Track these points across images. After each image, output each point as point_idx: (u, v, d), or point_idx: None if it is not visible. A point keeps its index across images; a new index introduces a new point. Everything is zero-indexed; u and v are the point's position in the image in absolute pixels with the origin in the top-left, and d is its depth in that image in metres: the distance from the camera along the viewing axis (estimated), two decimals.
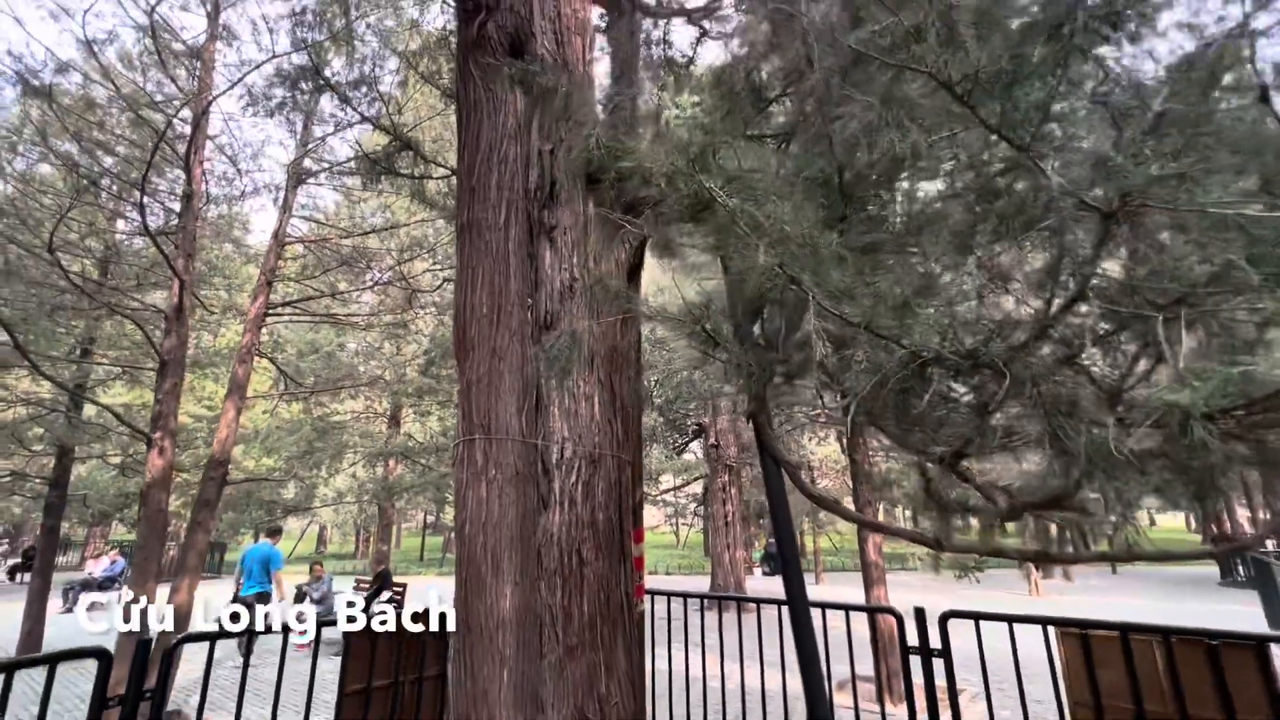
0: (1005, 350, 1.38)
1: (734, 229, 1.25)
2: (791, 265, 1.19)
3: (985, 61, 1.11)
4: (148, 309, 10.90)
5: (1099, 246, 1.31)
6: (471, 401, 3.58)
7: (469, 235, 3.84)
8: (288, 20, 9.72)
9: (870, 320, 1.23)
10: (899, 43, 1.23)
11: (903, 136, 1.48)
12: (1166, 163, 1.13)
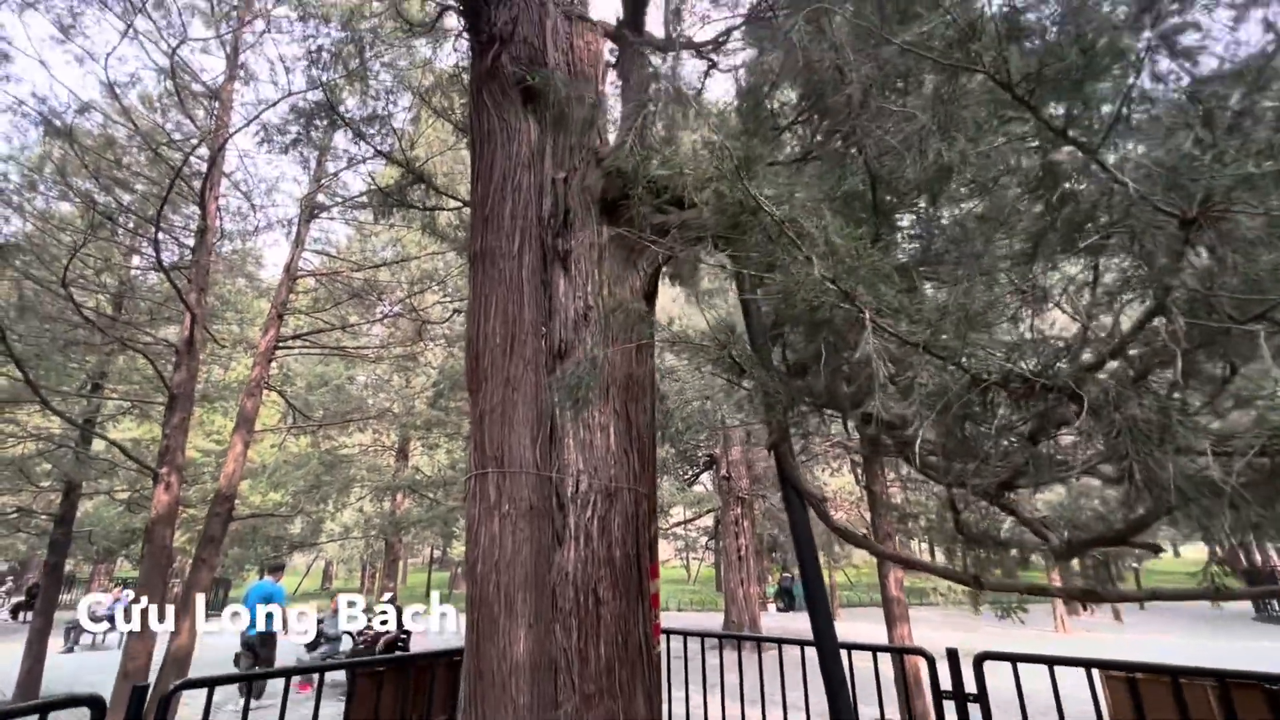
0: (1075, 371, 1.26)
1: (782, 239, 1.16)
2: (845, 279, 1.09)
3: (1050, 57, 1.03)
4: (159, 343, 10.94)
5: (1178, 255, 1.20)
6: (484, 433, 3.46)
7: (482, 264, 3.78)
8: (304, 60, 9.97)
9: (930, 340, 1.12)
10: (951, 43, 1.15)
11: (950, 145, 1.39)
12: (1259, 162, 1.03)
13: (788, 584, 26.95)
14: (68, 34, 9.49)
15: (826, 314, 1.24)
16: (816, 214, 1.39)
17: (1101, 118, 1.10)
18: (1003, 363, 1.18)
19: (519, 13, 4.29)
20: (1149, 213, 1.14)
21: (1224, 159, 1.10)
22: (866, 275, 1.13)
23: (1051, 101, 1.11)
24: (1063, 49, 1.04)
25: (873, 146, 1.69)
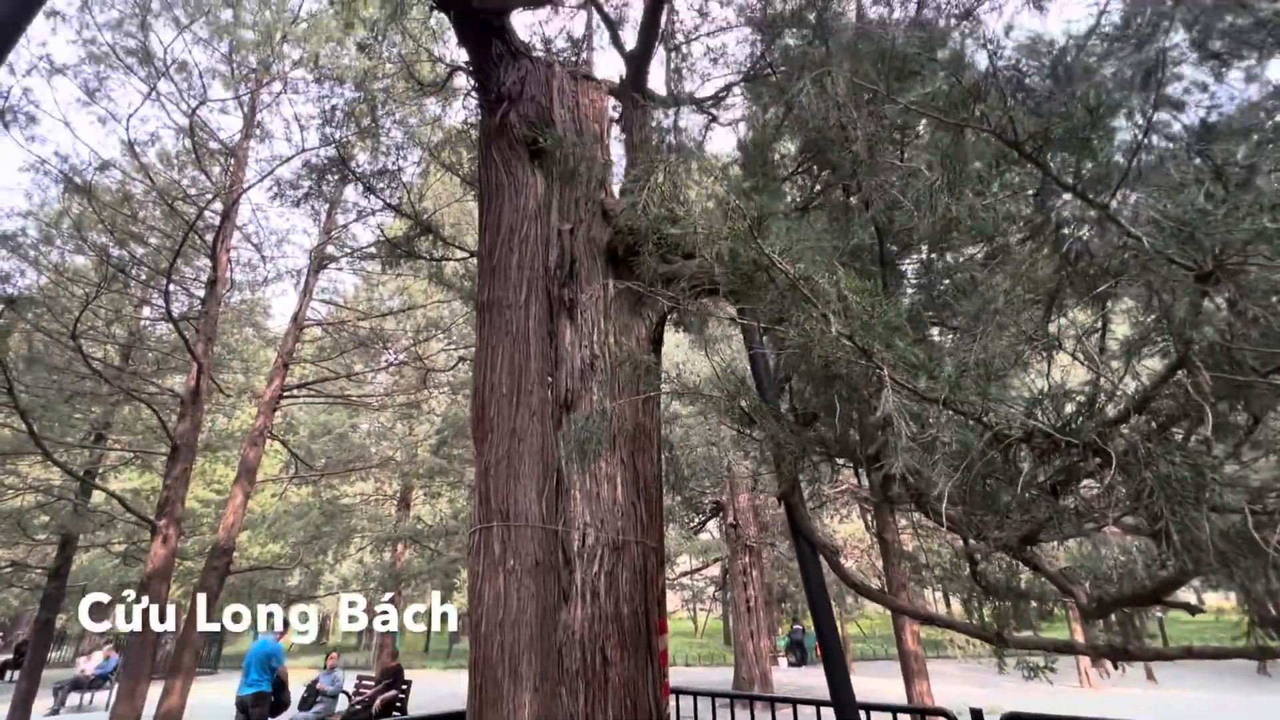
0: (1100, 426, 1.23)
1: (797, 297, 1.15)
2: (861, 336, 1.08)
3: (1056, 117, 1.04)
4: (164, 393, 10.96)
5: (1196, 309, 1.19)
6: (489, 485, 3.40)
7: (489, 314, 3.80)
8: (318, 118, 10.33)
9: (949, 395, 1.10)
10: (955, 102, 1.17)
11: (957, 199, 1.40)
12: (1274, 216, 1.02)
13: (799, 636, 26.00)
14: (93, 97, 9.89)
15: (842, 369, 1.23)
16: (828, 268, 1.39)
17: (1110, 173, 1.12)
18: (1025, 420, 1.15)
19: (526, 74, 4.45)
20: (1164, 266, 1.13)
21: (1237, 213, 1.10)
22: (882, 331, 1.12)
23: (1059, 157, 1.13)
24: (1069, 109, 1.06)
25: (879, 200, 1.70)
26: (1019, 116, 1.08)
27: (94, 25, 9.49)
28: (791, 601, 27.80)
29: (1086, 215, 1.17)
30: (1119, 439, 1.23)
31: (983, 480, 1.33)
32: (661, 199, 1.58)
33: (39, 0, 1.84)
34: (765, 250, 1.16)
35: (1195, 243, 1.14)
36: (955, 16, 4.76)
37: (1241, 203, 1.11)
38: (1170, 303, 1.17)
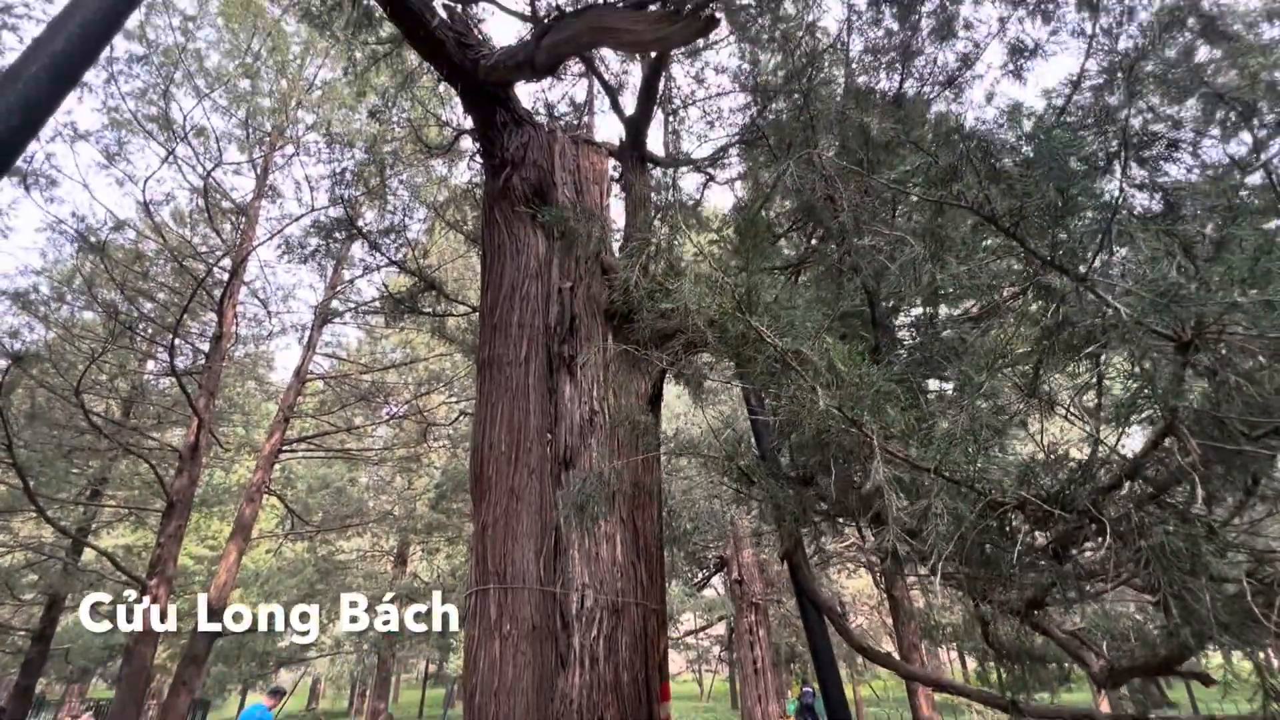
0: (1093, 493, 1.23)
1: (786, 369, 1.18)
2: (850, 407, 1.10)
3: (1031, 195, 1.10)
4: (163, 448, 10.90)
5: (1179, 376, 1.21)
6: (486, 546, 3.35)
7: (489, 371, 3.84)
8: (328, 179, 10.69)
9: (941, 464, 1.11)
10: (935, 180, 1.23)
11: (941, 267, 1.44)
12: (1244, 290, 1.06)
13: (809, 699, 24.85)
14: (112, 160, 10.27)
15: (834, 438, 1.24)
16: (818, 336, 1.43)
17: (1084, 247, 1.16)
18: (1017, 490, 1.16)
19: (529, 139, 4.64)
20: (1144, 336, 1.16)
21: (1209, 286, 1.14)
22: (872, 401, 1.14)
23: (1036, 233, 1.18)
24: (1041, 189, 1.11)
25: (867, 266, 1.75)
26: (994, 194, 1.14)
27: (119, 95, 9.93)
28: (801, 662, 26.77)
29: (1065, 286, 1.21)
30: (1113, 507, 1.23)
31: (980, 547, 1.32)
32: (652, 277, 1.63)
33: (72, 80, 1.95)
34: (754, 324, 1.20)
35: (1173, 313, 1.18)
36: (939, 84, 4.99)
37: (1213, 275, 1.15)
38: (1153, 370, 1.20)
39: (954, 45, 5.09)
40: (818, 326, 1.40)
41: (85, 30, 1.96)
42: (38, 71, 1.80)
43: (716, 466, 2.06)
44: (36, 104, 1.78)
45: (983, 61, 4.71)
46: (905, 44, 3.69)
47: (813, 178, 1.73)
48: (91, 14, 1.98)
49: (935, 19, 5.11)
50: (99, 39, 2.03)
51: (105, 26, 2.02)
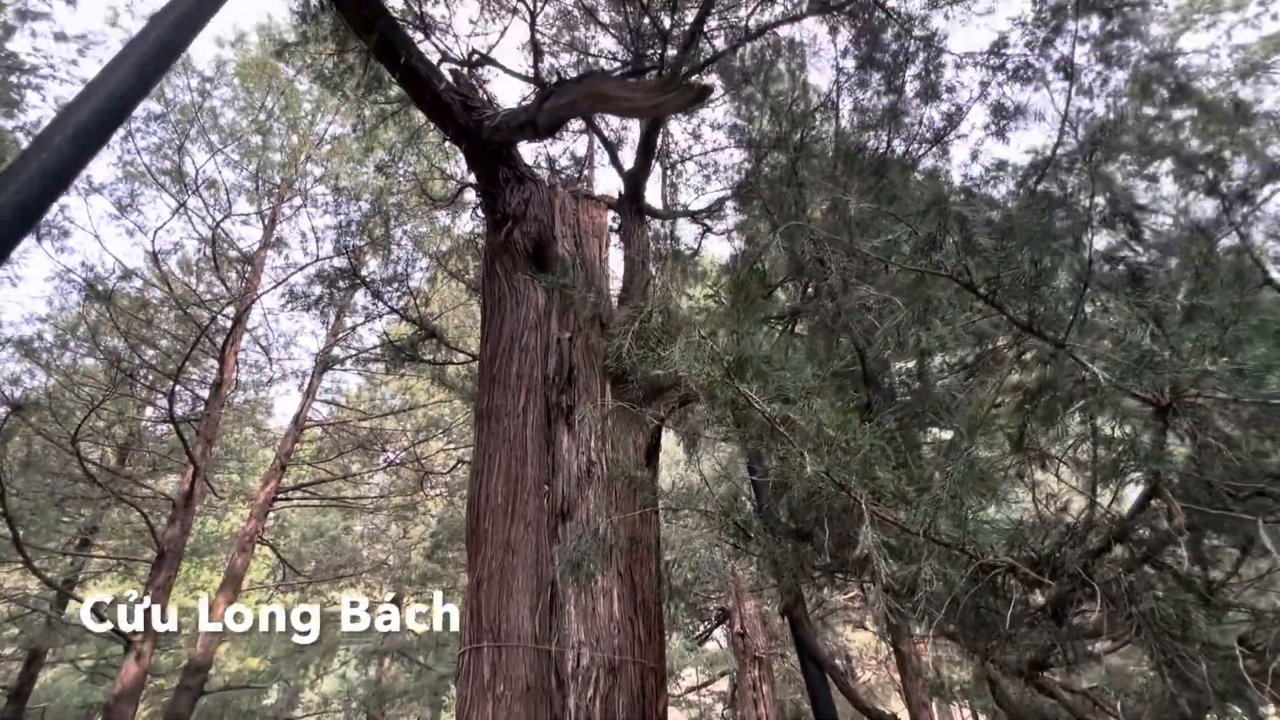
0: (1083, 556, 1.24)
1: (776, 435, 1.21)
2: (838, 471, 1.13)
3: (1006, 267, 1.16)
4: (157, 496, 10.78)
5: (1161, 439, 1.24)
6: (481, 602, 3.29)
7: (487, 422, 3.85)
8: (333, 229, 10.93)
9: (930, 527, 1.13)
10: (917, 249, 1.30)
11: (927, 330, 1.49)
12: (1215, 358, 1.10)
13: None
14: (124, 211, 10.53)
15: (823, 500, 1.26)
16: (808, 398, 1.46)
17: (1059, 314, 1.21)
18: (1007, 553, 1.17)
19: (531, 195, 4.79)
20: (1123, 400, 1.19)
21: (1181, 353, 1.18)
22: (860, 465, 1.16)
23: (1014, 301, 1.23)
24: (1016, 261, 1.17)
25: (856, 325, 1.80)
26: (972, 265, 1.19)
27: (135, 150, 10.27)
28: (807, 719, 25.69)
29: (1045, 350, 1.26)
30: (1103, 571, 1.24)
31: (974, 610, 1.32)
32: (648, 334, 1.68)
33: (93, 150, 2.05)
34: (743, 390, 1.23)
35: (1150, 378, 1.21)
36: (926, 142, 5.18)
37: (1186, 342, 1.19)
38: (1135, 433, 1.22)
39: (939, 106, 5.33)
40: (808, 387, 1.43)
41: (110, 103, 2.07)
42: (61, 142, 1.90)
43: (713, 522, 2.05)
44: (58, 173, 1.87)
45: (967, 121, 4.92)
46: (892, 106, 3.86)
47: (803, 240, 1.80)
48: (117, 88, 2.09)
49: (920, 82, 5.36)
50: (122, 111, 2.14)
51: (129, 99, 2.14)
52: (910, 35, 5.27)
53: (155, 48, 2.23)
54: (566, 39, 8.59)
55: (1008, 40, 4.40)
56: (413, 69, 4.04)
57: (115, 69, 2.14)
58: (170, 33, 2.29)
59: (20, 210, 1.78)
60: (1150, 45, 11.67)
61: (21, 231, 1.81)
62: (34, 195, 1.80)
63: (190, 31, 2.41)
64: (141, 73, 2.17)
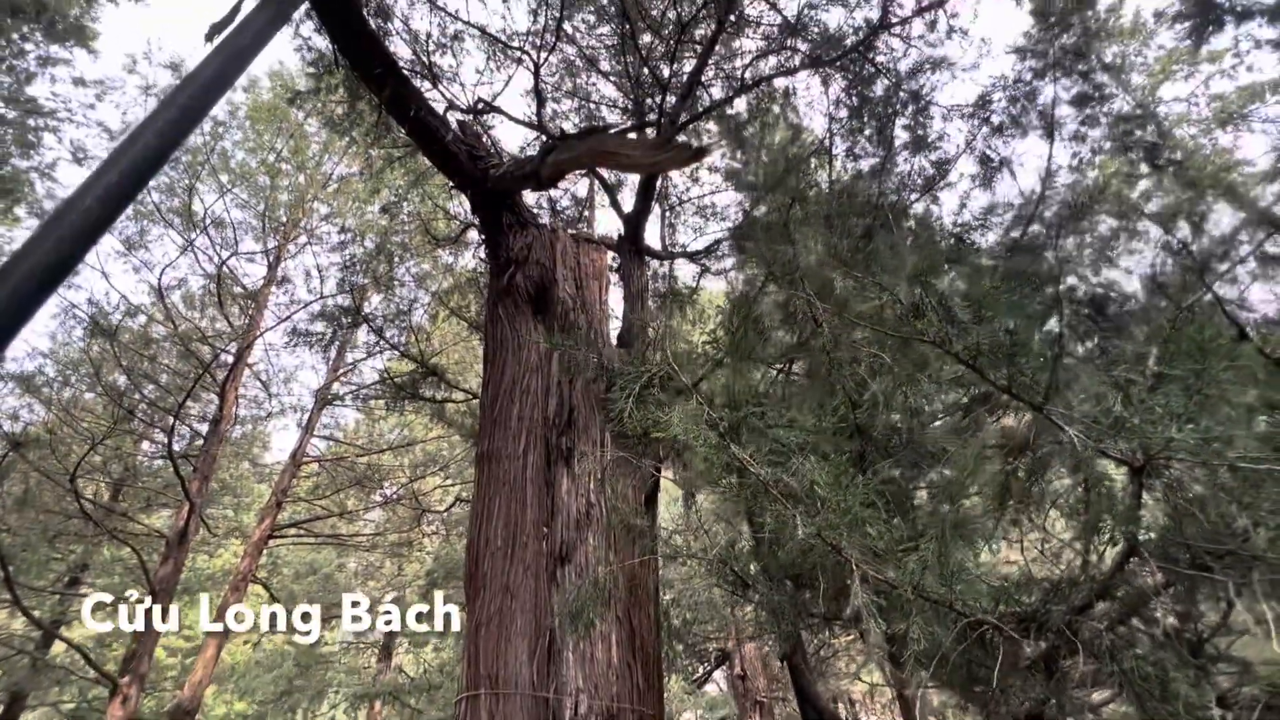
0: (1067, 613, 1.29)
1: (769, 496, 1.28)
2: (830, 532, 1.19)
3: (984, 337, 1.24)
4: (150, 533, 10.67)
5: (1136, 500, 1.30)
6: (479, 646, 3.28)
7: (488, 465, 3.89)
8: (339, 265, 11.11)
9: (918, 584, 1.18)
10: (901, 316, 1.38)
11: (915, 390, 1.56)
12: (1180, 424, 1.17)
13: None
14: (131, 249, 10.71)
15: (816, 558, 1.31)
16: (813, 446, 1.52)
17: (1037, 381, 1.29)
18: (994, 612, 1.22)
19: (533, 239, 4.92)
20: (1097, 461, 1.26)
21: (1151, 418, 1.25)
22: (852, 522, 1.22)
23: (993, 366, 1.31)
24: (994, 331, 1.26)
25: (849, 378, 1.87)
26: (952, 333, 1.27)
27: (145, 189, 10.49)
28: None
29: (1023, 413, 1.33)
30: (1087, 628, 1.29)
31: (965, 664, 1.35)
32: (645, 404, 1.75)
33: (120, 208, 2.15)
34: (739, 455, 1.30)
35: (1124, 440, 1.28)
36: (917, 190, 5.36)
37: (1155, 406, 1.27)
38: (1109, 494, 1.29)
39: (928, 155, 5.53)
40: (801, 442, 1.50)
41: (137, 165, 2.18)
42: (91, 203, 2.00)
43: (710, 569, 2.09)
44: (87, 233, 1.96)
45: (957, 170, 5.10)
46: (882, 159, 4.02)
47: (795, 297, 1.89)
48: (144, 150, 2.20)
49: (910, 132, 5.57)
50: (149, 171, 2.25)
51: (153, 163, 2.24)
52: (900, 89, 5.50)
53: (179, 113, 2.35)
54: (569, 85, 8.90)
55: (990, 97, 4.60)
56: (421, 121, 4.21)
57: (142, 133, 2.26)
58: (192, 99, 2.42)
59: (51, 271, 1.86)
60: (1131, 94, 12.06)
61: (50, 290, 1.89)
62: (65, 256, 1.89)
63: (212, 97, 2.54)
64: (165, 137, 2.29)
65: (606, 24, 7.96)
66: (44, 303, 1.97)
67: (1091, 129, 3.76)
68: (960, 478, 1.35)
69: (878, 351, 1.70)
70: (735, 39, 7.75)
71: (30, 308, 1.85)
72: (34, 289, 1.85)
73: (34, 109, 9.21)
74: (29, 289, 1.78)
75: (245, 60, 2.82)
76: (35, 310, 1.90)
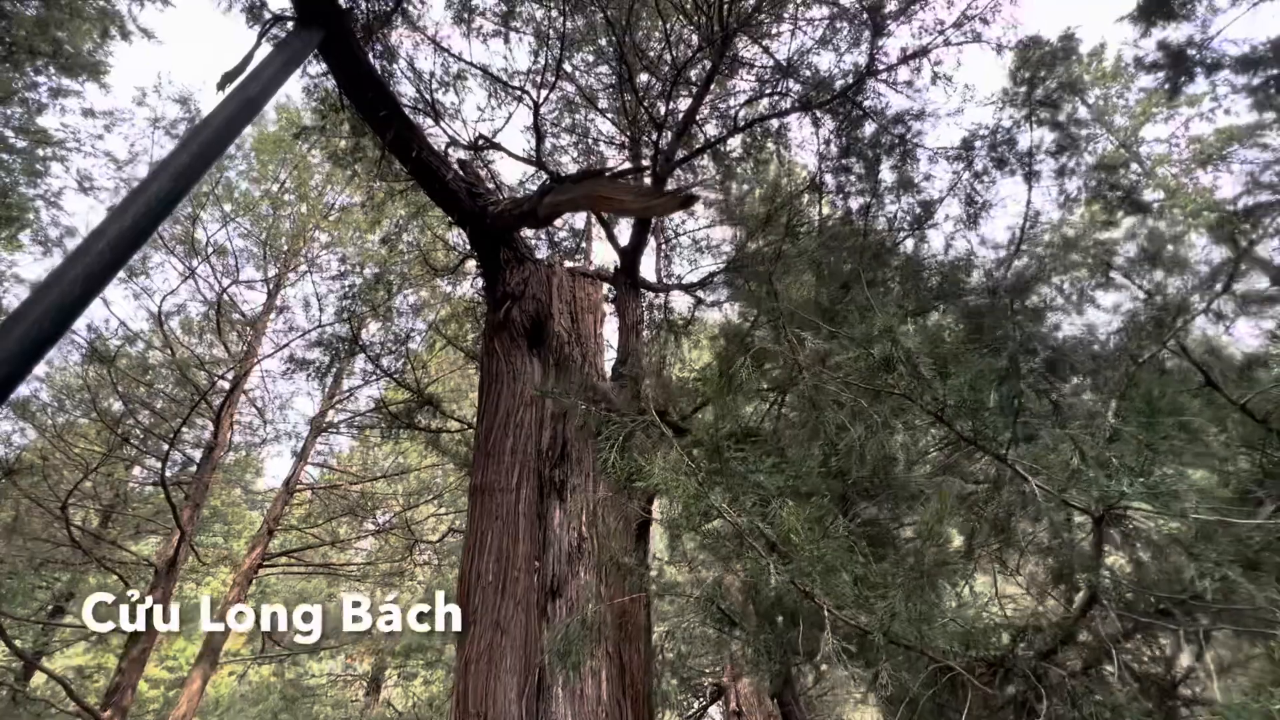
0: (1034, 658, 1.34)
1: (745, 543, 1.34)
2: (803, 580, 1.24)
3: (950, 393, 1.32)
4: (138, 561, 10.54)
5: (1098, 548, 1.36)
6: (468, 683, 3.27)
7: (480, 498, 3.92)
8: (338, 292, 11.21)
9: (888, 628, 1.23)
10: (873, 368, 1.46)
11: (890, 437, 1.64)
12: (1133, 478, 1.25)
13: None
14: (133, 276, 10.81)
15: (793, 605, 1.37)
16: (791, 490, 1.59)
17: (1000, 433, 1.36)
18: (964, 654, 1.27)
19: (530, 274, 5.03)
20: (1058, 511, 1.33)
21: (1106, 471, 1.33)
22: (825, 569, 1.28)
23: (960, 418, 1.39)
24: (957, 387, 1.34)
25: (830, 424, 1.94)
26: (919, 387, 1.36)
27: None
28: None
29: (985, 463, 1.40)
30: (1052, 673, 1.34)
31: (936, 709, 1.40)
32: (628, 454, 1.82)
33: (132, 251, 2.24)
34: (716, 505, 1.37)
35: (1083, 492, 1.35)
36: (903, 230, 5.51)
37: (1110, 459, 1.34)
38: (1073, 542, 1.35)
39: (916, 194, 5.70)
40: (780, 487, 1.56)
41: (149, 209, 2.28)
42: (102, 248, 2.09)
43: (698, 607, 2.13)
44: (98, 277, 2.05)
45: (942, 210, 5.25)
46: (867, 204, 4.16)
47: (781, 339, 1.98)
48: (153, 198, 2.30)
49: (897, 173, 5.75)
50: (159, 216, 2.34)
51: (166, 205, 2.34)
52: (887, 131, 5.70)
53: (190, 159, 2.46)
54: (568, 121, 9.15)
55: (974, 143, 4.78)
56: (423, 161, 4.35)
57: (155, 178, 2.36)
58: (204, 146, 2.53)
59: (64, 312, 1.94)
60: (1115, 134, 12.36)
61: (62, 330, 1.97)
62: (77, 297, 1.97)
63: (223, 143, 2.66)
64: (178, 181, 2.39)
65: (605, 64, 8.24)
66: (56, 343, 2.05)
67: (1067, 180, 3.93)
68: (931, 522, 1.41)
69: (856, 397, 1.78)
70: (730, 78, 8.03)
71: (44, 347, 1.92)
72: (49, 330, 1.93)
73: (43, 139, 9.40)
74: (42, 332, 1.86)
75: (255, 108, 2.95)
76: (48, 350, 1.97)
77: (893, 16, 5.15)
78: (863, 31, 5.80)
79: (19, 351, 1.84)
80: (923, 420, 1.60)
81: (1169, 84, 5.45)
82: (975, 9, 4.95)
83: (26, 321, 1.86)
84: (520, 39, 7.40)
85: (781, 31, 6.85)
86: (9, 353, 1.81)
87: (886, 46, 5.45)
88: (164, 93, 10.19)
